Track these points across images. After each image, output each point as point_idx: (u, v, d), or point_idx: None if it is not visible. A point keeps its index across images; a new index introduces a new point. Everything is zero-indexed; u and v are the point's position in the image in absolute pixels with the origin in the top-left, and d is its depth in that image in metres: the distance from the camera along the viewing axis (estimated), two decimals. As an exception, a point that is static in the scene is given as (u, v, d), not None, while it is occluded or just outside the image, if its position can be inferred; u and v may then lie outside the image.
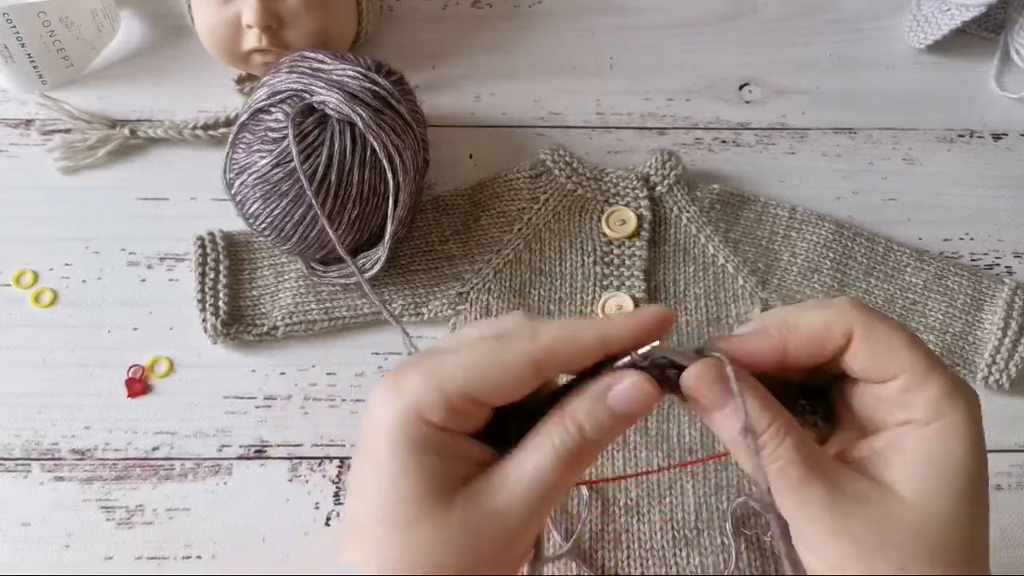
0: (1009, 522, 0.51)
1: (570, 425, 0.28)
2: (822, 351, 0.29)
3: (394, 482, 0.27)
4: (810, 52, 0.67)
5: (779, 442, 0.28)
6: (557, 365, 0.28)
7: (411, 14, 0.68)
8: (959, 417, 0.28)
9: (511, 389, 0.28)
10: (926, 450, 0.28)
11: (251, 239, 0.57)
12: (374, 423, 0.28)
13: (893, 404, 0.28)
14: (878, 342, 0.28)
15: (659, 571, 0.48)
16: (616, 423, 0.28)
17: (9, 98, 0.62)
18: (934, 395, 0.28)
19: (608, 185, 0.58)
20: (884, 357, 0.28)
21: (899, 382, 0.28)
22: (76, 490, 0.50)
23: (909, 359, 0.28)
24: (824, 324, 0.29)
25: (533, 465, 0.28)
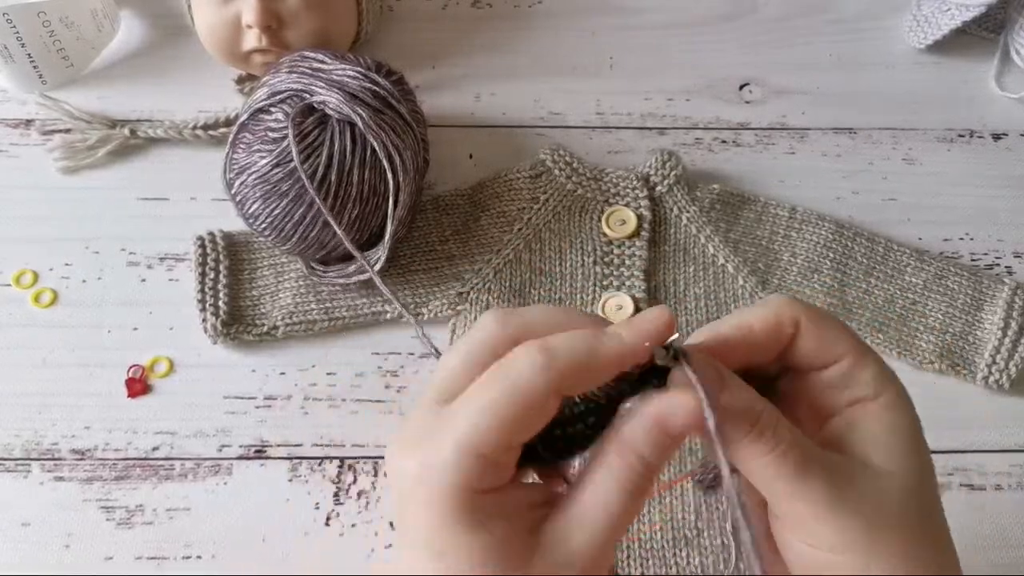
0: (1009, 522, 0.51)
1: (630, 456, 0.27)
2: (776, 344, 0.30)
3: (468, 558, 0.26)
4: (810, 52, 0.67)
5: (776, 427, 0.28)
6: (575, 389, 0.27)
7: (411, 14, 0.68)
8: (896, 390, 0.30)
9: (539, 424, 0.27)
10: (881, 420, 0.29)
11: (251, 239, 0.57)
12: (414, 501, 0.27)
13: (839, 386, 0.30)
14: (823, 328, 0.30)
15: (659, 571, 0.48)
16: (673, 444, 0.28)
17: (9, 98, 0.62)
18: (873, 373, 0.30)
19: (608, 185, 0.58)
20: (829, 341, 0.30)
21: (843, 363, 0.30)
22: (76, 490, 0.50)
23: (848, 343, 0.30)
24: (776, 317, 0.30)
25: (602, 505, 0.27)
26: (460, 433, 0.26)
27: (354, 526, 0.50)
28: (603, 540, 0.27)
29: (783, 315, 0.30)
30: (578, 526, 0.27)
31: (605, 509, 0.27)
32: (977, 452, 0.52)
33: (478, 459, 0.26)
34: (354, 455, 0.52)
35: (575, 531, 0.27)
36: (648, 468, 0.27)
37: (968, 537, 0.50)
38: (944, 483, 0.51)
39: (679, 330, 0.55)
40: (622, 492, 0.27)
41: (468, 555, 0.26)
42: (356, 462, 0.51)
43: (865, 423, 0.29)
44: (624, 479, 0.27)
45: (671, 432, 0.27)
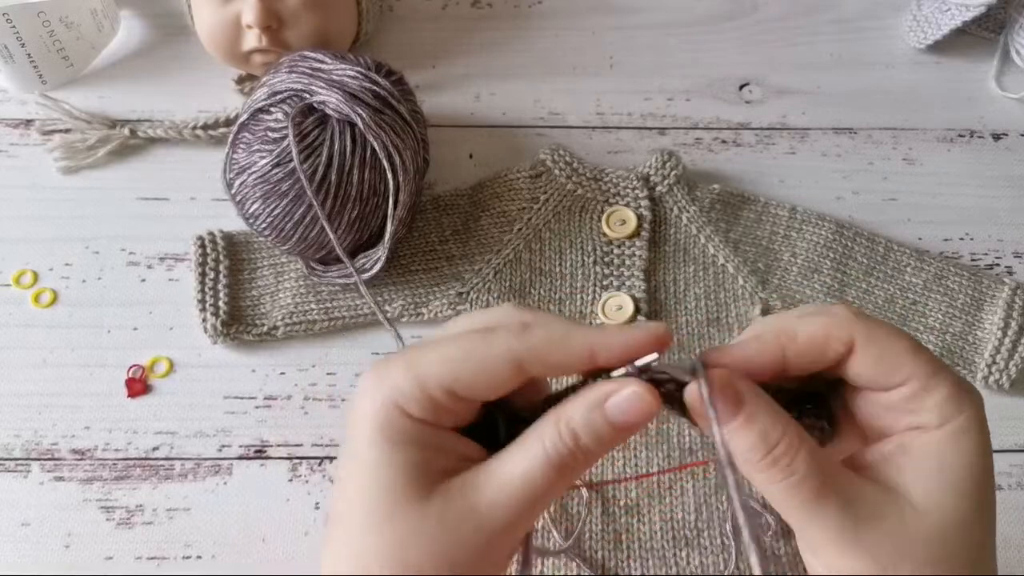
0: (1009, 522, 0.51)
1: (564, 430, 0.27)
2: (821, 359, 0.28)
3: (372, 474, 0.27)
4: (810, 52, 0.67)
5: (793, 455, 0.27)
6: (541, 368, 0.27)
7: (411, 14, 0.68)
8: (967, 419, 0.27)
9: (491, 385, 0.27)
10: (937, 454, 0.27)
11: (251, 239, 0.57)
12: (355, 415, 0.28)
13: (899, 411, 0.28)
14: (881, 351, 0.28)
15: (659, 571, 0.48)
16: (612, 433, 0.27)
17: (9, 98, 0.62)
18: (940, 399, 0.27)
19: (608, 185, 0.58)
20: (888, 366, 0.27)
21: (905, 389, 0.28)
22: (76, 490, 0.50)
23: (913, 366, 0.27)
24: (824, 332, 0.28)
25: (522, 468, 0.27)
26: (416, 358, 0.27)
27: (354, 526, 0.50)
28: (513, 503, 0.26)
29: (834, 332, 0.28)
30: (492, 482, 0.27)
31: (524, 473, 0.26)
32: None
33: (418, 384, 0.27)
34: (354, 455, 0.52)
35: (484, 487, 0.27)
36: (579, 448, 0.27)
37: (968, 537, 0.50)
38: (944, 483, 0.51)
39: (678, 330, 0.55)
40: (546, 462, 0.26)
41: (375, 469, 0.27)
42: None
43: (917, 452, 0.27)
44: (551, 449, 0.26)
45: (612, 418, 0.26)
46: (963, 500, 0.27)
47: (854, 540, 0.26)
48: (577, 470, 0.27)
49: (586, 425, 0.27)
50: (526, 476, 0.26)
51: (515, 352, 0.27)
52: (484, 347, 0.27)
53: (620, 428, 0.27)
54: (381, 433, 0.27)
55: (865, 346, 0.27)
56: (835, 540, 0.27)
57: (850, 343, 0.28)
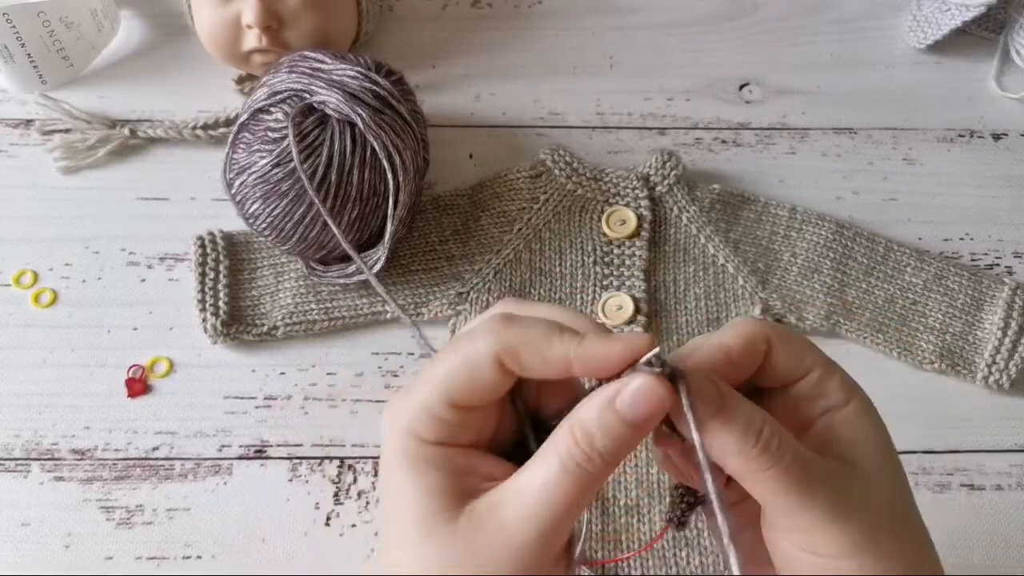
0: (1009, 522, 0.51)
1: (579, 435, 0.26)
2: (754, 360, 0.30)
3: (400, 503, 0.27)
4: (810, 52, 0.67)
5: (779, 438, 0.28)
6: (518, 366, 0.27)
7: (411, 14, 0.68)
8: (863, 393, 0.31)
9: (481, 388, 0.27)
10: (856, 423, 0.30)
11: (251, 239, 0.57)
12: (383, 452, 0.29)
13: (811, 397, 0.30)
14: (790, 345, 0.30)
15: (659, 571, 0.48)
16: (627, 430, 0.27)
17: (9, 98, 0.62)
18: (840, 380, 0.30)
19: (608, 185, 0.58)
20: (797, 357, 0.30)
21: (813, 375, 0.30)
22: (76, 490, 0.50)
23: (815, 356, 0.31)
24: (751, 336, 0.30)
25: (540, 481, 0.26)
26: (413, 383, 0.28)
27: (354, 526, 0.50)
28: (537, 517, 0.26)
29: (755, 334, 0.30)
30: (515, 498, 0.27)
31: (543, 486, 0.26)
32: (977, 452, 0.52)
33: (424, 410, 0.27)
34: (354, 455, 0.52)
35: (511, 502, 0.27)
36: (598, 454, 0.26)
37: (968, 537, 0.50)
38: (944, 483, 0.51)
39: (678, 330, 0.55)
40: (563, 470, 0.26)
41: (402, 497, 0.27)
42: (356, 462, 0.51)
43: (842, 429, 0.30)
44: (567, 456, 0.26)
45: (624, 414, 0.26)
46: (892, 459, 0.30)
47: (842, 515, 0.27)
48: (598, 475, 0.27)
49: (600, 426, 0.26)
50: (546, 487, 0.26)
51: (491, 350, 0.27)
52: (464, 352, 0.28)
53: (634, 424, 0.27)
54: (403, 462, 0.28)
55: (779, 343, 0.30)
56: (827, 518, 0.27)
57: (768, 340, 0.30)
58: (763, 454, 0.27)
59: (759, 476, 0.27)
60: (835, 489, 0.28)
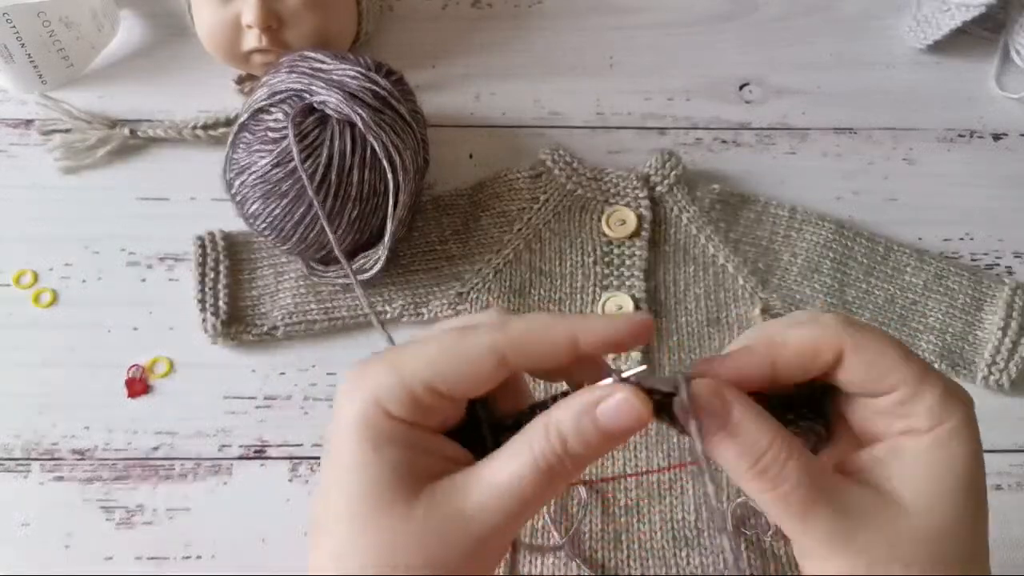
0: (1009, 522, 0.51)
1: (553, 435, 0.26)
2: (811, 369, 0.28)
3: (354, 475, 0.26)
4: (810, 52, 0.67)
5: (782, 464, 0.27)
6: (523, 359, 0.27)
7: (411, 14, 0.68)
8: (957, 421, 0.28)
9: (474, 380, 0.27)
10: (927, 456, 0.27)
11: (251, 239, 0.57)
12: (336, 417, 0.28)
13: (890, 415, 0.28)
14: (870, 359, 0.28)
15: (659, 571, 0.48)
16: (601, 439, 0.26)
17: (9, 98, 0.62)
18: (931, 403, 0.28)
19: (608, 185, 0.58)
20: (878, 373, 0.28)
21: (895, 395, 0.28)
22: (76, 490, 0.50)
23: (903, 373, 0.28)
24: (813, 342, 0.28)
25: (509, 473, 0.26)
26: (399, 357, 0.27)
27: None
28: (500, 507, 0.26)
29: (823, 342, 0.28)
30: (480, 485, 0.26)
31: (511, 478, 0.26)
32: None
33: (400, 383, 0.27)
34: (354, 455, 0.52)
35: (471, 490, 0.26)
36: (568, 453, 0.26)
37: (968, 537, 0.50)
38: (944, 483, 0.51)
39: (679, 330, 0.55)
40: (534, 467, 0.26)
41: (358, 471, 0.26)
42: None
43: (907, 455, 0.28)
44: (539, 453, 0.26)
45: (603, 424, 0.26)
46: (952, 501, 0.27)
47: (845, 543, 0.26)
48: (565, 476, 0.27)
49: (575, 430, 0.26)
50: (514, 481, 0.26)
51: (497, 343, 0.26)
52: (465, 342, 0.27)
53: (609, 435, 0.26)
54: (363, 434, 0.27)
55: (854, 354, 0.28)
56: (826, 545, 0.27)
57: (839, 352, 0.28)
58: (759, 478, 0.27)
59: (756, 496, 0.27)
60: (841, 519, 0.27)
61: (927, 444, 0.27)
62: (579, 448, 0.26)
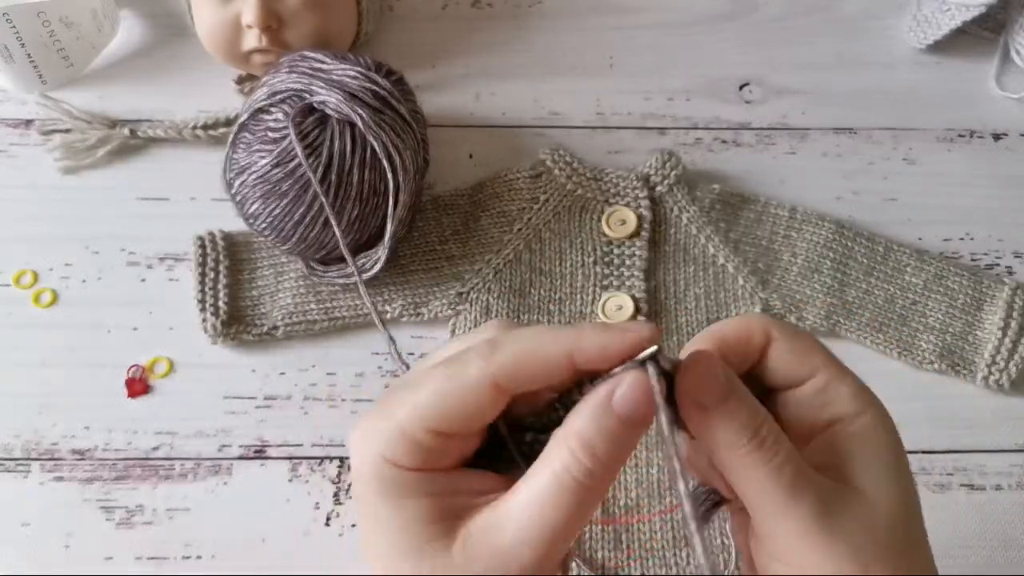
0: (1009, 522, 0.51)
1: (576, 447, 0.25)
2: (749, 353, 0.29)
3: (383, 533, 0.26)
4: (810, 52, 0.67)
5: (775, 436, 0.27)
6: (518, 383, 0.26)
7: (411, 14, 0.68)
8: (880, 409, 0.29)
9: (474, 414, 0.26)
10: (865, 443, 0.28)
11: (251, 239, 0.57)
12: (353, 475, 0.27)
13: (816, 405, 0.29)
14: (794, 341, 0.29)
15: (659, 571, 0.48)
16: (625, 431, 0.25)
17: (9, 98, 0.62)
18: (851, 390, 0.29)
19: (608, 185, 0.58)
20: (801, 354, 0.29)
21: (817, 380, 0.29)
22: (76, 490, 0.50)
23: (822, 357, 0.29)
24: (746, 327, 0.29)
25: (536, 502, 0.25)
26: (396, 405, 0.26)
27: (354, 526, 0.50)
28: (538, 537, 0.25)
29: (753, 326, 0.29)
30: (511, 520, 0.25)
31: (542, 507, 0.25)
32: (977, 452, 0.52)
33: (400, 433, 0.26)
34: (354, 455, 0.52)
35: (507, 524, 0.25)
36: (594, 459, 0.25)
37: (968, 537, 0.50)
38: (944, 483, 0.51)
39: (679, 330, 0.55)
40: (560, 488, 0.25)
41: (385, 527, 0.26)
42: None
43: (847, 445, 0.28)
44: (563, 473, 0.25)
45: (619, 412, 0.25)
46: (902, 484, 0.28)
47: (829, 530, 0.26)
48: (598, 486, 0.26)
49: (598, 431, 0.25)
50: (543, 508, 0.25)
51: (487, 374, 0.25)
52: (456, 377, 0.26)
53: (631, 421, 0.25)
54: (380, 491, 0.26)
55: (780, 336, 0.29)
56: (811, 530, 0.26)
57: (767, 334, 0.29)
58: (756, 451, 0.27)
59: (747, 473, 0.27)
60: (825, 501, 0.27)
61: (860, 431, 0.28)
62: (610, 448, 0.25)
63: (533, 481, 0.26)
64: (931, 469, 0.52)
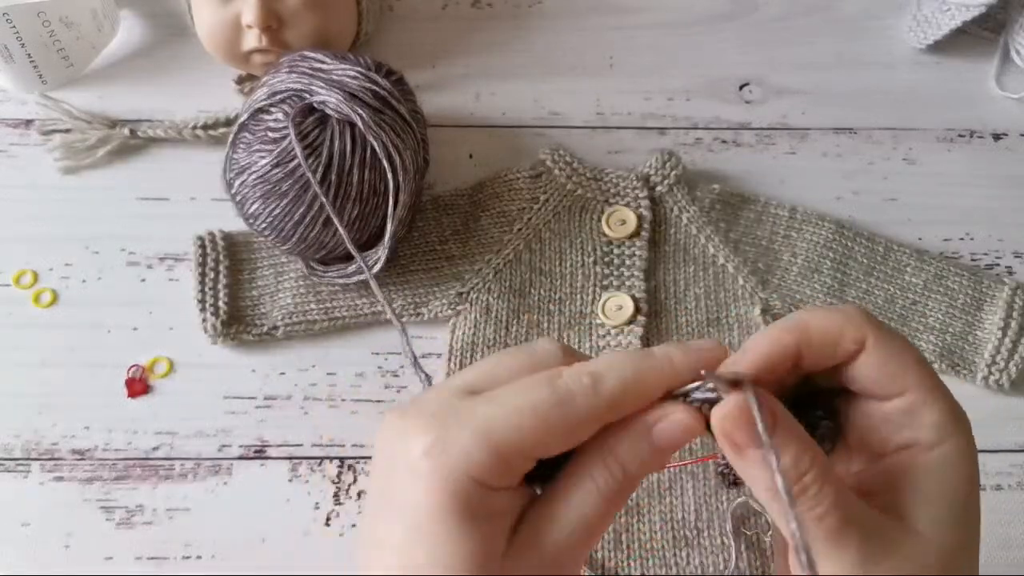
0: (1009, 522, 0.51)
1: (613, 466, 0.27)
2: (832, 356, 0.28)
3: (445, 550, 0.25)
4: (810, 52, 0.67)
5: (820, 487, 0.26)
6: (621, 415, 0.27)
7: (411, 14, 0.68)
8: (965, 442, 0.27)
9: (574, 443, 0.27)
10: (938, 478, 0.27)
11: (251, 239, 0.57)
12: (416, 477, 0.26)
13: (896, 424, 0.28)
14: (889, 354, 0.27)
15: (659, 571, 0.48)
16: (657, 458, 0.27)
17: (9, 98, 0.62)
18: (938, 417, 0.27)
19: (608, 185, 0.58)
20: (894, 370, 0.27)
21: (905, 399, 0.27)
22: (76, 490, 0.50)
23: (917, 376, 0.27)
24: (838, 327, 0.27)
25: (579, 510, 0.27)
26: (487, 424, 0.26)
27: (354, 526, 0.50)
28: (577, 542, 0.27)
29: (848, 328, 0.27)
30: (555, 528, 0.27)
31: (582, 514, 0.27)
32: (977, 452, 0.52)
33: (496, 456, 0.25)
34: (354, 455, 0.52)
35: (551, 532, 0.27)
36: (628, 478, 0.27)
37: (968, 537, 0.50)
38: (944, 483, 0.51)
39: (678, 330, 0.55)
40: (600, 498, 0.27)
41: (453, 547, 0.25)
42: (356, 462, 0.51)
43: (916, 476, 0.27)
44: (604, 486, 0.27)
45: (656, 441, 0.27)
46: (962, 526, 0.27)
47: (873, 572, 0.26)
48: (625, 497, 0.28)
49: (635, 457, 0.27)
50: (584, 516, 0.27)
51: (598, 411, 0.26)
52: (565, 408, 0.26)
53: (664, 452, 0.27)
54: (455, 508, 0.25)
55: (875, 347, 0.27)
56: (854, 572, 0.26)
57: (861, 341, 0.27)
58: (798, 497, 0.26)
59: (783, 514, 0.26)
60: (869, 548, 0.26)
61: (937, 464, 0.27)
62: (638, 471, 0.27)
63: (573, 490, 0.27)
64: (931, 469, 0.52)
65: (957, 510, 0.27)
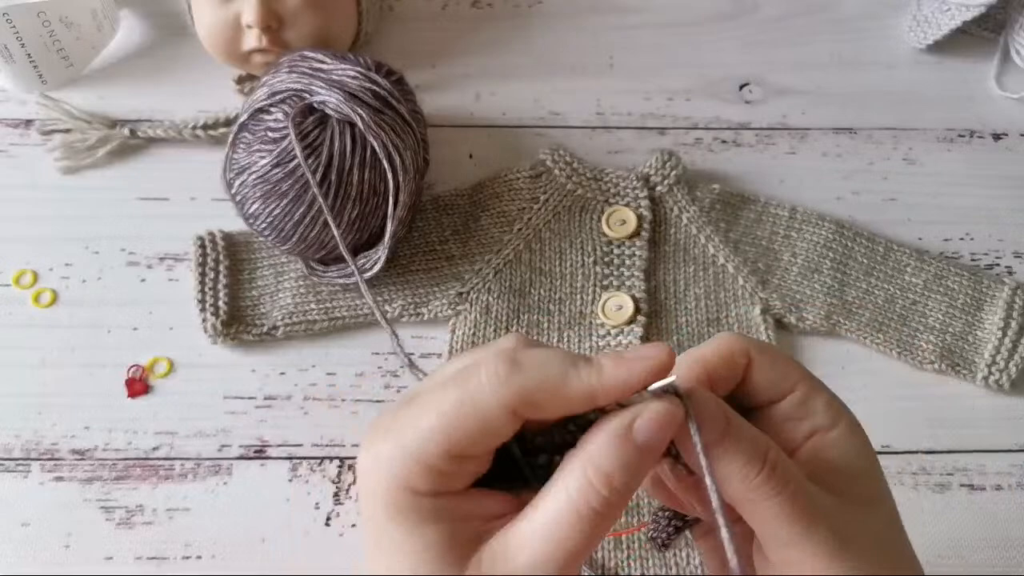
0: (1009, 522, 0.51)
1: (594, 476, 0.25)
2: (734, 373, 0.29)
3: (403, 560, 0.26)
4: (810, 52, 0.67)
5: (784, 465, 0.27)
6: (536, 413, 0.26)
7: (411, 14, 0.68)
8: (851, 415, 0.30)
9: (489, 438, 0.26)
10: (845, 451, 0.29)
11: (251, 239, 0.57)
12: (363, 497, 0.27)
13: (796, 418, 0.29)
14: (773, 358, 0.30)
15: (659, 571, 0.48)
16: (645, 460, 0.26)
17: (9, 98, 0.62)
18: (827, 400, 0.29)
19: (608, 185, 0.58)
20: (782, 369, 0.30)
21: (797, 394, 0.29)
22: (76, 490, 0.50)
23: (799, 371, 0.30)
24: (728, 347, 0.29)
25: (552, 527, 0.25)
26: (401, 433, 0.26)
27: (354, 526, 0.50)
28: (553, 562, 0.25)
29: (734, 347, 0.29)
30: (527, 547, 0.25)
31: (554, 530, 0.25)
32: (977, 452, 0.52)
33: (416, 461, 0.25)
34: (354, 455, 0.52)
35: (522, 551, 0.25)
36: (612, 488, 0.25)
37: (968, 537, 0.50)
38: (944, 483, 0.51)
39: (678, 330, 0.55)
40: (577, 515, 0.25)
41: (400, 553, 0.26)
42: (356, 462, 0.51)
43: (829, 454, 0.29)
44: (581, 502, 0.25)
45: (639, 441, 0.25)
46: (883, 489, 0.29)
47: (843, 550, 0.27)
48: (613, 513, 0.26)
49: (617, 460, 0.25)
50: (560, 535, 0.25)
51: (504, 400, 0.25)
52: (470, 400, 0.25)
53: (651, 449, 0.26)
54: (394, 516, 0.26)
55: (759, 355, 0.30)
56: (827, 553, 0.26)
57: (747, 354, 0.30)
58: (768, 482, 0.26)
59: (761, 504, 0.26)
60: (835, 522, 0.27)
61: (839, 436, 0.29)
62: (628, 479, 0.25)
63: (548, 506, 0.25)
64: (931, 469, 0.52)
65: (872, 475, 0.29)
